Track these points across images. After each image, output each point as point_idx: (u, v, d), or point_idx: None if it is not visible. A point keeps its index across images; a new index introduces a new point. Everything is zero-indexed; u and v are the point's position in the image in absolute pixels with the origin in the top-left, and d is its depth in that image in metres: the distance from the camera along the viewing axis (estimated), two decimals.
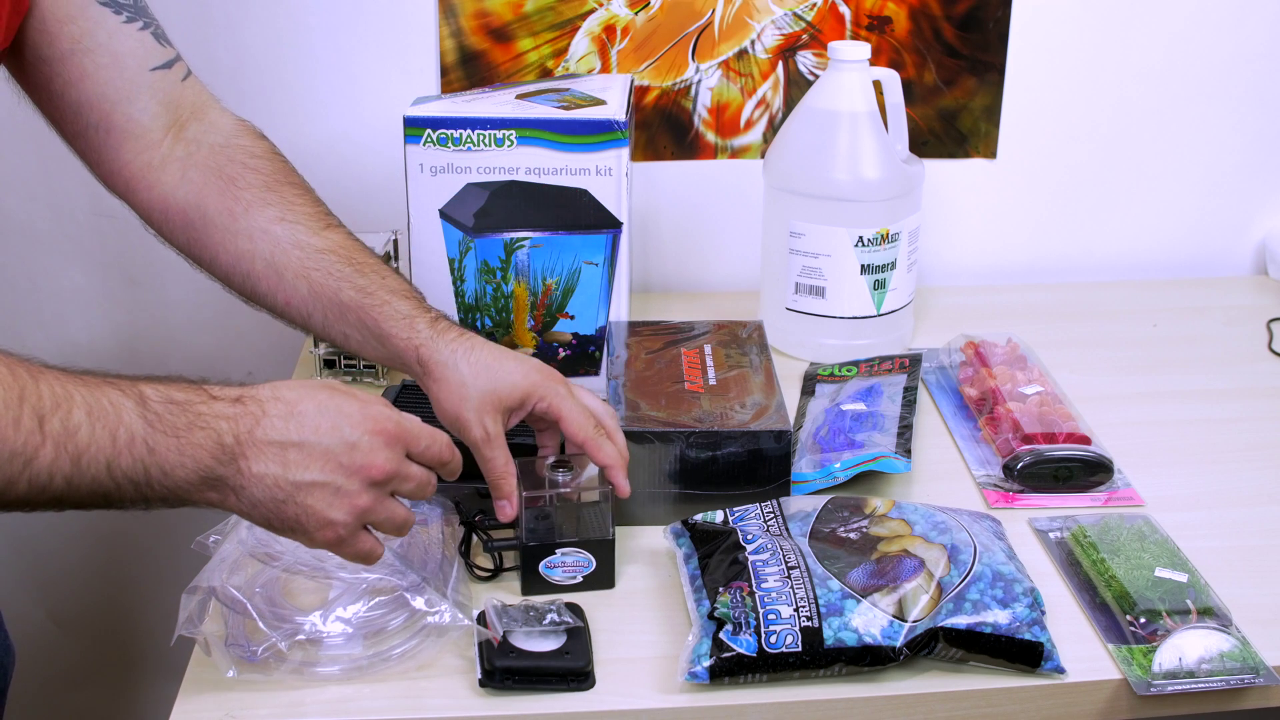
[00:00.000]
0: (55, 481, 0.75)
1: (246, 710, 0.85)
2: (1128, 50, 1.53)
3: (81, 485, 0.76)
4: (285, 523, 0.81)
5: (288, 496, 0.80)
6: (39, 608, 1.68)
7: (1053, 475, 1.11)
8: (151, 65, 1.00)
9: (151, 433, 0.77)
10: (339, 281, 1.00)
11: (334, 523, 0.81)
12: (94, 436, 0.75)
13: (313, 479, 0.80)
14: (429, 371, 0.98)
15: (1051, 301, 1.54)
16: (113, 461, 0.76)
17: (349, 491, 0.81)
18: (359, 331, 1.00)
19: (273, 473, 0.79)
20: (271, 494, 0.80)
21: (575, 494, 0.96)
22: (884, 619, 0.87)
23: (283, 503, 0.80)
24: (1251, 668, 0.88)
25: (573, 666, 0.87)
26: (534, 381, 0.98)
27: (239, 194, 1.01)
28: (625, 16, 1.46)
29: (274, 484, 0.79)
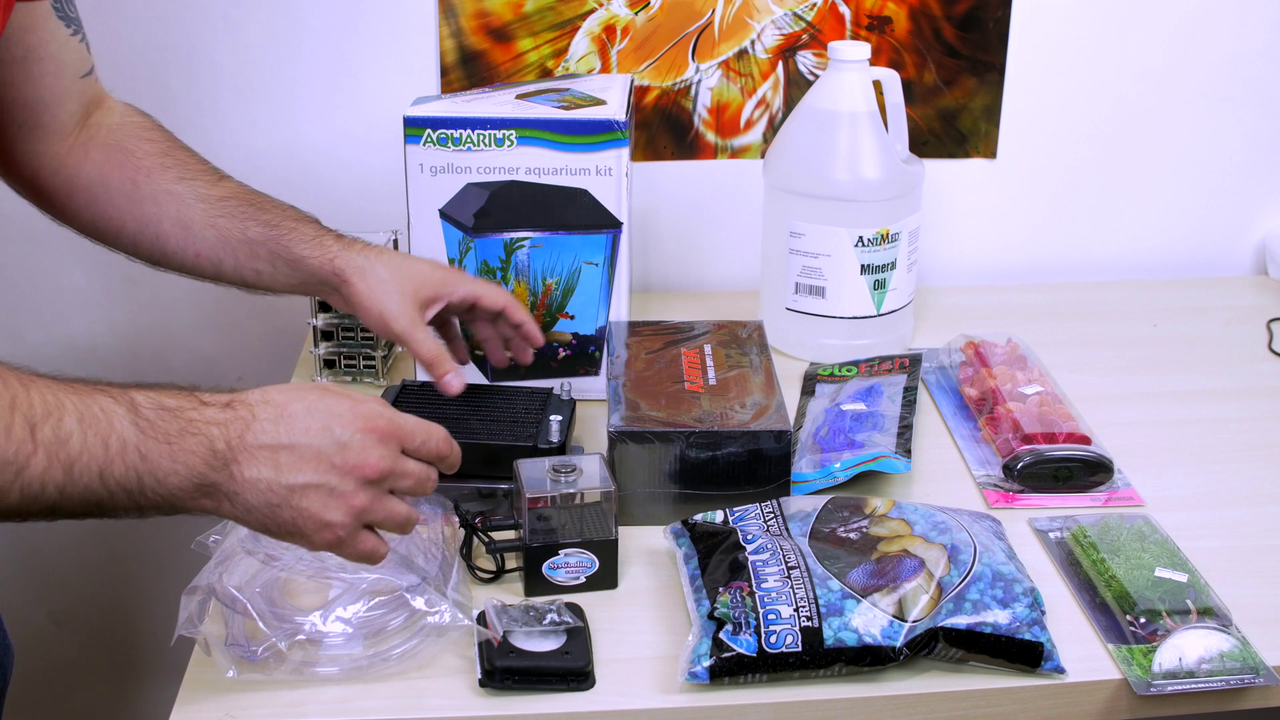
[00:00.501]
0: (48, 490, 0.74)
1: (246, 710, 0.85)
2: (1127, 50, 1.53)
3: (74, 494, 0.75)
4: (282, 527, 0.80)
5: (282, 500, 0.79)
6: (39, 608, 1.68)
7: (1053, 475, 1.11)
8: (81, 73, 1.07)
9: (144, 440, 0.76)
10: (245, 221, 1.07)
11: (331, 524, 0.81)
12: (86, 444, 0.75)
13: (306, 481, 0.80)
14: (346, 279, 1.06)
15: (1051, 301, 1.54)
16: (105, 469, 0.75)
17: (344, 492, 0.81)
18: (270, 264, 1.07)
19: (265, 477, 0.79)
20: (265, 499, 0.79)
21: (577, 495, 0.96)
22: (884, 619, 0.87)
23: (277, 507, 0.79)
24: (1251, 668, 0.88)
25: (573, 666, 0.87)
26: (444, 273, 1.09)
27: (139, 163, 1.08)
28: (625, 16, 1.46)
29: (267, 488, 0.79)
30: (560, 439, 1.05)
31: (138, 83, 1.43)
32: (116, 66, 1.40)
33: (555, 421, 1.06)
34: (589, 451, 1.10)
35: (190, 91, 1.45)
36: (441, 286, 1.09)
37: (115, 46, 1.41)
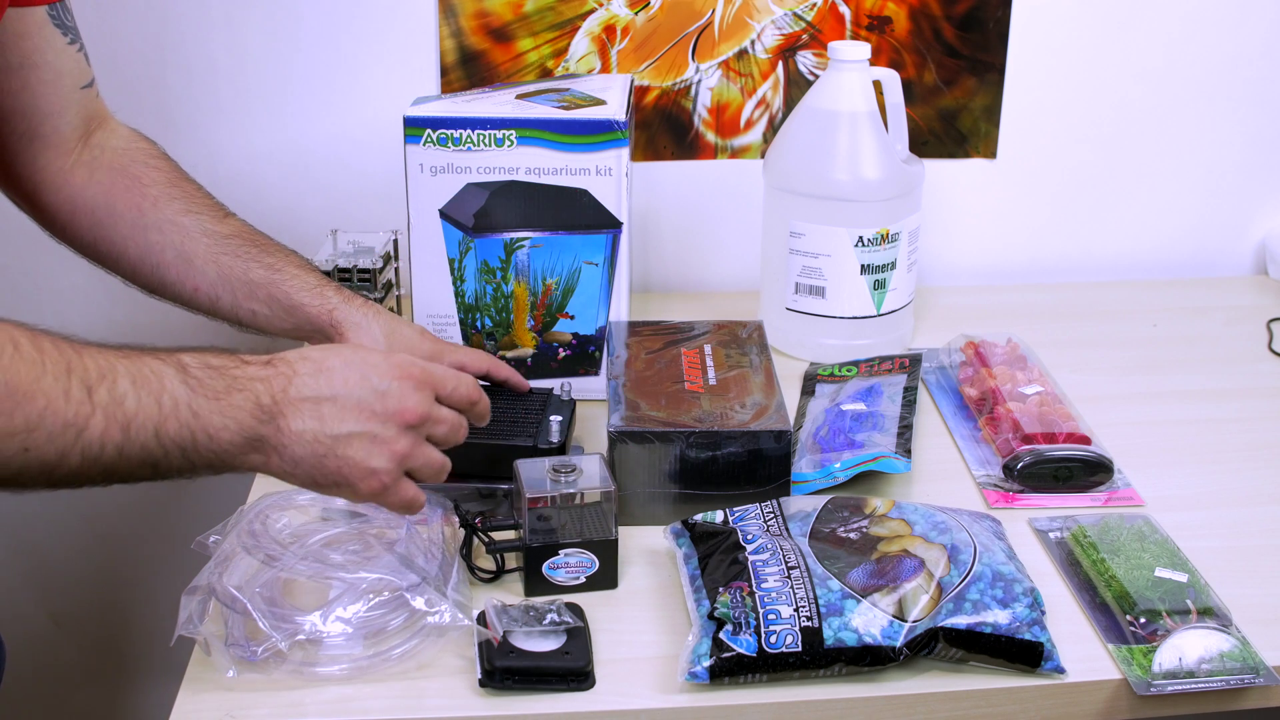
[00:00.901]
0: (107, 451, 0.76)
1: (246, 710, 0.85)
2: (1128, 50, 1.53)
3: (131, 454, 0.77)
4: (329, 477, 0.83)
5: (328, 450, 0.82)
6: (39, 608, 1.68)
7: (1053, 475, 1.11)
8: (81, 84, 1.07)
9: (194, 397, 0.79)
10: (248, 262, 1.08)
11: (376, 471, 0.84)
12: (141, 404, 0.77)
13: (350, 430, 0.83)
14: (342, 333, 1.07)
15: (1051, 301, 1.54)
16: (160, 427, 0.77)
17: (386, 438, 0.84)
18: (267, 306, 1.08)
19: (311, 428, 0.82)
20: (312, 449, 0.82)
21: (577, 495, 0.96)
22: (884, 619, 0.87)
23: (324, 457, 0.82)
24: (1251, 668, 0.88)
25: (573, 666, 0.87)
26: (432, 345, 1.11)
27: (146, 190, 1.09)
28: (625, 16, 1.46)
29: (313, 439, 0.82)
30: (560, 439, 1.05)
31: (138, 83, 1.43)
32: (116, 67, 1.40)
33: (555, 422, 1.06)
34: (589, 451, 1.10)
35: (190, 91, 1.45)
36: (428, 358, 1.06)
37: (115, 47, 1.41)
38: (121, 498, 1.63)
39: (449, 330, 1.24)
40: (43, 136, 1.06)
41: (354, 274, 1.28)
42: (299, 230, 1.42)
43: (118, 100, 1.14)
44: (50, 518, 1.64)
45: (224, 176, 1.21)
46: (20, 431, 0.73)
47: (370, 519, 0.97)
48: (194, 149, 1.44)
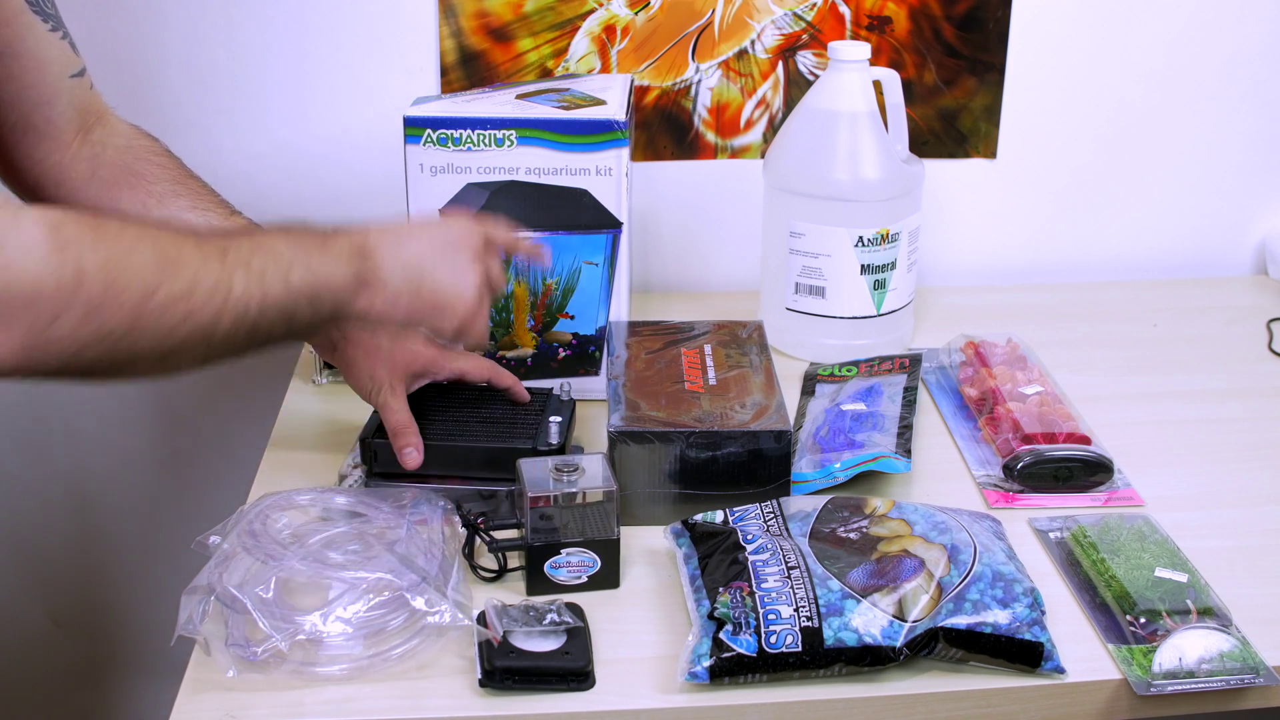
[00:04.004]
0: (250, 309, 0.81)
1: (246, 710, 0.85)
2: (1128, 50, 1.53)
3: (269, 308, 0.82)
4: (425, 304, 0.93)
5: (419, 278, 0.92)
6: (38, 608, 1.68)
7: (1053, 475, 1.11)
8: (70, 72, 1.06)
9: (302, 251, 0.86)
10: None
11: (465, 292, 0.94)
12: (265, 261, 0.83)
13: (432, 260, 0.93)
14: (347, 335, 1.09)
15: (1051, 301, 1.54)
16: (287, 277, 0.83)
17: (463, 264, 0.95)
18: None
19: (400, 264, 0.91)
20: (405, 278, 0.91)
21: (579, 494, 0.96)
22: (884, 619, 0.87)
23: (418, 284, 0.92)
24: (1251, 668, 0.88)
25: (573, 666, 0.87)
26: (435, 353, 1.12)
27: (150, 187, 1.08)
28: (625, 16, 1.46)
29: (404, 270, 0.91)
30: (560, 440, 1.05)
31: (138, 83, 1.43)
32: (117, 67, 1.40)
33: (555, 423, 1.06)
34: (590, 451, 1.10)
35: (190, 91, 1.45)
36: (430, 365, 1.12)
37: (115, 47, 1.41)
38: (122, 498, 1.63)
39: None
40: (36, 128, 1.05)
41: None
42: None
43: (118, 100, 1.14)
44: (50, 518, 1.64)
45: (224, 176, 1.21)
46: (182, 297, 0.77)
47: (370, 519, 0.98)
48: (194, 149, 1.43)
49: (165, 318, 0.76)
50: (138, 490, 1.63)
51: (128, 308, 0.75)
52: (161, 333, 0.77)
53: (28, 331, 0.71)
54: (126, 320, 0.75)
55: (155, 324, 0.76)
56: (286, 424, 1.23)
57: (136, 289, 0.75)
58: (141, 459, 1.62)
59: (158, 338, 0.77)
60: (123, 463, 1.62)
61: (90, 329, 0.73)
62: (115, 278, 0.74)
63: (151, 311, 0.76)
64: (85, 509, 1.64)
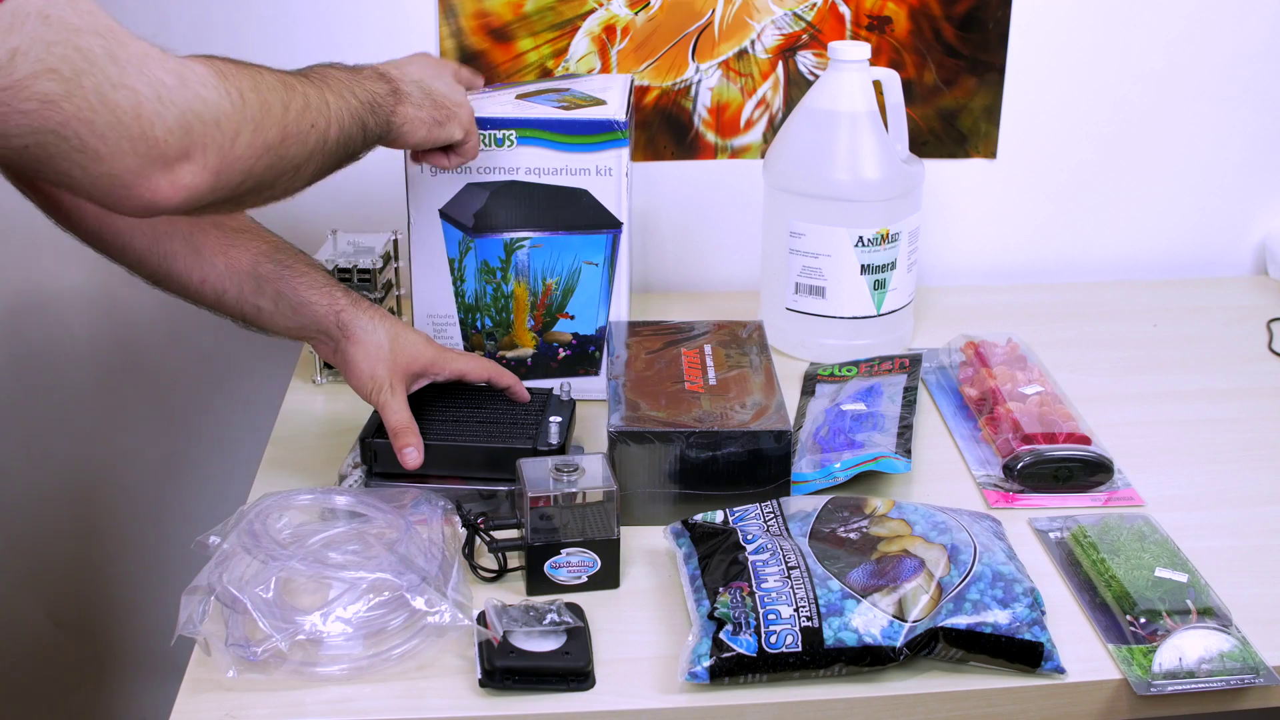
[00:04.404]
0: (345, 117, 0.94)
1: (246, 710, 0.85)
2: (1128, 50, 1.53)
3: (350, 117, 0.95)
4: (441, 110, 1.07)
5: (428, 90, 1.06)
6: (38, 608, 1.68)
7: (1053, 475, 1.11)
8: None
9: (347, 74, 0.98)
10: (257, 256, 1.09)
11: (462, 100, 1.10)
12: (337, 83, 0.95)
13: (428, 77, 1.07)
14: (349, 334, 1.09)
15: (1051, 301, 1.54)
16: (354, 93, 0.96)
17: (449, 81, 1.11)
18: (273, 303, 1.09)
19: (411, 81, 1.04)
20: (419, 91, 1.05)
21: (579, 494, 0.96)
22: (884, 619, 0.87)
23: (430, 94, 1.06)
24: (1251, 668, 0.88)
25: (573, 666, 0.87)
26: (435, 353, 1.12)
27: None
28: (625, 16, 1.46)
29: (417, 86, 1.05)
30: (559, 440, 1.05)
31: None
32: None
33: (554, 423, 1.06)
34: (590, 451, 1.10)
35: None
36: (430, 365, 1.12)
37: None
38: (121, 498, 1.63)
39: (449, 330, 1.24)
40: None
41: (354, 274, 1.28)
42: (299, 230, 1.41)
43: None
44: (50, 517, 1.64)
45: None
46: (305, 110, 0.89)
47: (370, 519, 0.98)
48: None
49: (301, 127, 0.88)
50: (138, 490, 1.63)
51: (277, 121, 0.86)
52: (301, 140, 0.89)
53: (219, 153, 0.80)
54: (278, 132, 0.86)
55: (297, 133, 0.88)
56: (286, 424, 1.23)
57: (278, 105, 0.86)
58: (141, 459, 1.62)
59: (300, 146, 0.89)
60: (123, 463, 1.62)
61: (259, 142, 0.84)
62: (264, 97, 0.85)
63: (292, 122, 0.87)
64: (85, 509, 1.64)
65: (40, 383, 1.57)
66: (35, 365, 1.56)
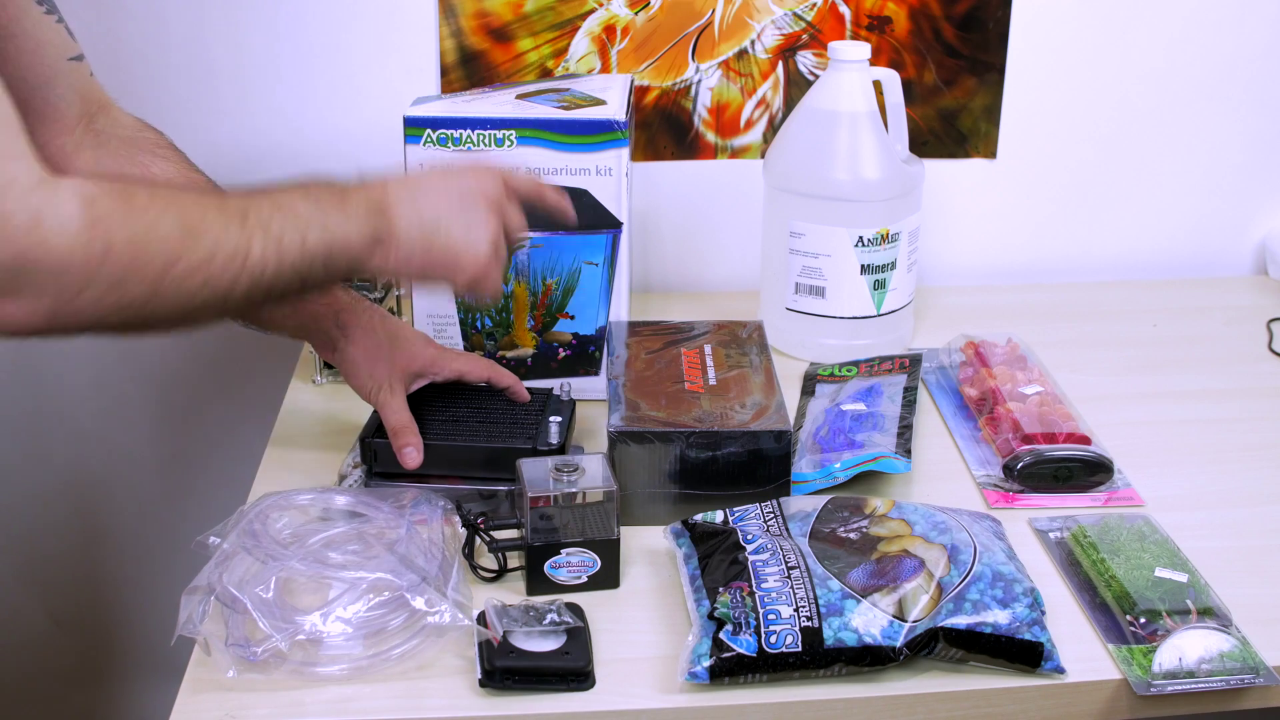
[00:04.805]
0: (267, 270, 0.84)
1: (246, 710, 0.85)
2: (1128, 50, 1.53)
3: (285, 269, 0.85)
4: (437, 261, 0.93)
5: (432, 235, 0.92)
6: (38, 607, 1.68)
7: (1053, 475, 1.11)
8: (68, 56, 1.06)
9: (320, 209, 0.88)
10: None
11: (477, 249, 0.94)
12: (284, 224, 0.85)
13: (447, 215, 0.93)
14: (348, 334, 1.09)
15: (1051, 301, 1.54)
16: (304, 238, 0.86)
17: (478, 219, 0.94)
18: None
19: (415, 221, 0.92)
20: (420, 234, 0.92)
21: (579, 494, 0.96)
22: (884, 619, 0.87)
23: (431, 241, 0.93)
24: (1251, 668, 0.88)
25: (573, 666, 0.87)
26: (435, 353, 1.12)
27: (156, 179, 1.08)
28: (625, 16, 1.46)
29: (419, 229, 0.92)
30: (560, 440, 1.05)
31: (137, 82, 1.43)
32: (117, 66, 1.40)
33: (555, 423, 1.06)
34: (590, 451, 1.10)
35: (190, 91, 1.45)
36: (430, 365, 1.12)
37: (115, 46, 1.41)
38: (122, 498, 1.63)
39: (449, 330, 1.24)
40: (36, 110, 1.04)
41: None
42: None
43: (118, 100, 1.14)
44: (50, 517, 1.64)
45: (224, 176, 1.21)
46: (201, 266, 0.80)
47: (370, 519, 0.98)
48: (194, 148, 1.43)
49: (185, 285, 0.80)
50: (138, 490, 1.63)
51: (150, 279, 0.78)
52: (181, 299, 0.81)
53: (55, 300, 0.75)
54: (148, 290, 0.79)
55: (175, 291, 0.80)
56: (286, 424, 1.23)
57: (160, 261, 0.79)
58: (141, 459, 1.62)
59: (177, 303, 0.81)
60: (123, 463, 1.62)
61: (113, 299, 0.77)
62: (140, 251, 0.78)
63: (172, 280, 0.79)
64: (85, 509, 1.64)
65: (40, 383, 1.57)
66: (35, 365, 1.56)
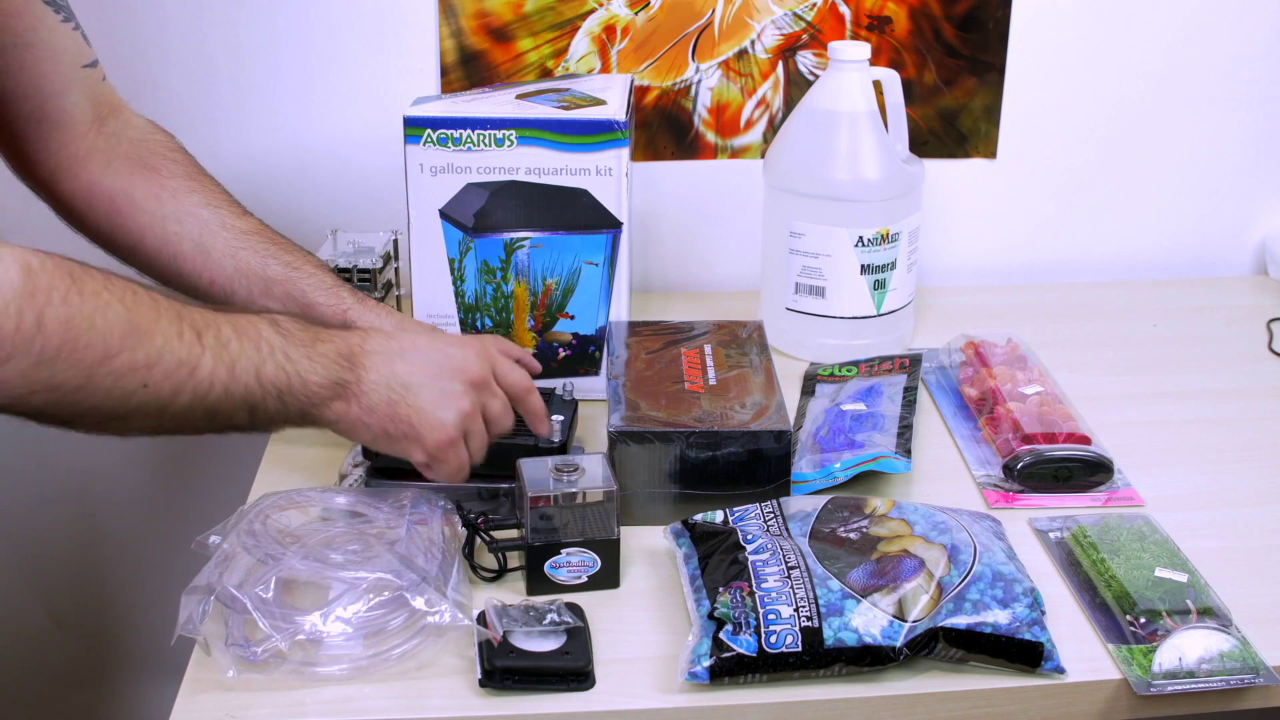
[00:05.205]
0: (214, 391, 0.83)
1: (246, 710, 0.85)
2: (1128, 50, 1.53)
3: (235, 394, 0.84)
4: (399, 426, 0.91)
5: (400, 398, 0.91)
6: (38, 607, 1.68)
7: (1053, 475, 1.11)
8: (82, 63, 1.07)
9: (287, 345, 0.87)
10: (265, 258, 1.09)
11: (444, 423, 0.92)
12: (243, 348, 0.84)
13: (421, 382, 0.92)
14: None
15: (1051, 301, 1.54)
16: (260, 369, 0.85)
17: (453, 393, 0.92)
18: (283, 303, 1.09)
19: (385, 377, 0.91)
20: (386, 396, 0.90)
21: (579, 494, 0.96)
22: (884, 619, 0.87)
23: (396, 404, 0.91)
24: (1251, 668, 0.88)
25: (573, 666, 0.87)
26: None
27: (165, 182, 1.09)
28: (625, 16, 1.46)
29: (388, 387, 0.90)
30: (562, 439, 1.05)
31: (138, 83, 1.43)
32: (117, 67, 1.40)
33: (557, 422, 1.06)
34: (590, 451, 1.10)
35: (190, 91, 1.45)
36: None
37: (115, 47, 1.41)
38: (122, 498, 1.63)
39: (449, 330, 1.24)
40: (50, 118, 1.05)
41: (354, 274, 1.28)
42: (299, 230, 1.41)
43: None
44: (50, 517, 1.64)
45: (224, 176, 1.21)
46: (142, 367, 0.79)
47: (370, 519, 0.98)
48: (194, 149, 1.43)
49: (122, 382, 0.79)
50: (138, 490, 1.63)
51: (82, 366, 0.77)
52: (115, 396, 0.79)
53: None
54: (79, 377, 0.77)
55: (110, 387, 0.79)
56: None
57: (96, 350, 0.77)
58: (141, 459, 1.62)
59: (111, 400, 0.79)
60: (123, 463, 1.62)
61: (40, 377, 0.76)
62: (76, 335, 0.76)
63: (108, 374, 0.78)
64: (85, 508, 1.64)
65: None
66: None
